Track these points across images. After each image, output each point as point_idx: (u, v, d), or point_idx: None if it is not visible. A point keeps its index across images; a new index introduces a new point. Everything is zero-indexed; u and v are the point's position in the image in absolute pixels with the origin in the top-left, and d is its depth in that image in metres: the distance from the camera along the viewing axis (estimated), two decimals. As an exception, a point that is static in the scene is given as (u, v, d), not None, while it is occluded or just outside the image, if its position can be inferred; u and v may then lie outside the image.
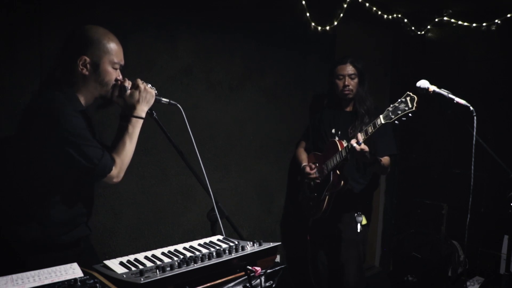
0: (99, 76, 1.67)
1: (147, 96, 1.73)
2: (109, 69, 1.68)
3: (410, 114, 2.29)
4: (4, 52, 1.94)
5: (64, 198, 1.64)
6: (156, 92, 1.78)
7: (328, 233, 2.97)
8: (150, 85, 1.77)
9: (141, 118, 1.71)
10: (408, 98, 2.29)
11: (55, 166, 1.58)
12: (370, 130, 2.43)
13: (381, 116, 2.38)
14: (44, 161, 1.58)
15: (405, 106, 2.29)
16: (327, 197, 2.77)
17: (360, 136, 2.45)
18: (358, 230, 2.84)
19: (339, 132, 2.90)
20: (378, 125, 2.39)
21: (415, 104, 2.26)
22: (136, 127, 1.70)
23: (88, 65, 1.64)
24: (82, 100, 1.69)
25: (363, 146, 2.44)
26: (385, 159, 2.75)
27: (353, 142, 2.46)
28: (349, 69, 2.86)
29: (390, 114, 2.34)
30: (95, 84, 1.68)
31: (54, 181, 1.61)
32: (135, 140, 1.71)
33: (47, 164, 1.59)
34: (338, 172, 2.70)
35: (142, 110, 1.72)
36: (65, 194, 1.65)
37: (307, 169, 2.91)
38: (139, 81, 1.74)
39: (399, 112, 2.31)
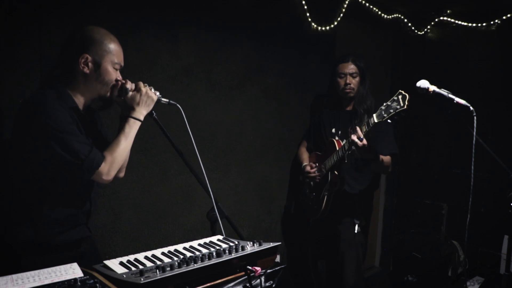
0: (99, 75, 1.67)
1: (147, 100, 1.72)
2: (110, 69, 1.68)
3: (402, 113, 2.30)
4: (4, 52, 1.94)
5: (57, 197, 1.63)
6: (159, 95, 1.78)
7: (327, 233, 2.97)
8: (153, 88, 1.76)
9: (139, 120, 1.71)
10: (400, 97, 2.30)
11: (44, 164, 1.57)
12: (364, 129, 2.44)
13: (374, 115, 2.40)
14: (33, 158, 1.58)
15: (397, 105, 2.31)
16: (326, 197, 2.77)
17: (360, 132, 2.44)
18: (356, 231, 2.84)
19: (339, 132, 2.90)
20: (371, 124, 2.40)
21: (406, 102, 2.27)
22: (133, 128, 1.70)
23: (89, 64, 1.64)
24: (79, 98, 1.69)
25: (364, 141, 2.43)
26: (386, 158, 2.75)
27: (354, 137, 2.44)
28: (351, 67, 2.85)
29: (383, 113, 2.36)
30: (95, 83, 1.68)
31: (45, 180, 1.60)
32: (130, 140, 1.70)
33: (36, 162, 1.58)
34: (336, 171, 2.70)
35: (141, 113, 1.72)
36: (58, 193, 1.63)
37: (307, 168, 2.91)
38: (141, 84, 1.73)
39: (391, 111, 2.33)
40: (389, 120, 2.36)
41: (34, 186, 1.61)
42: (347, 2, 3.39)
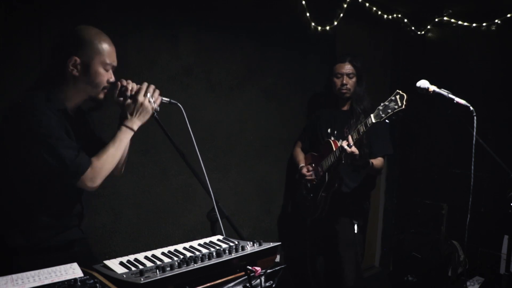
0: (89, 77, 1.62)
1: (142, 112, 1.68)
2: (100, 70, 1.64)
3: (400, 113, 2.32)
4: (4, 52, 1.94)
5: (46, 201, 1.61)
6: (156, 107, 1.73)
7: (325, 234, 2.98)
8: (151, 97, 1.70)
9: (131, 129, 1.67)
10: (397, 96, 2.32)
11: (31, 168, 1.55)
12: (362, 130, 2.46)
13: (372, 115, 2.41)
14: (21, 162, 1.55)
15: (395, 105, 2.32)
16: (323, 197, 2.77)
17: (351, 139, 2.48)
18: (355, 231, 2.85)
19: (335, 132, 2.91)
20: (369, 124, 2.42)
21: (404, 102, 2.29)
22: (124, 136, 1.66)
23: (78, 66, 1.60)
24: (69, 100, 1.65)
25: (353, 149, 2.47)
26: (377, 161, 2.76)
27: (344, 144, 2.49)
28: (348, 68, 2.86)
29: (381, 113, 2.37)
30: (85, 85, 1.64)
31: (33, 184, 1.57)
32: (121, 148, 1.65)
33: (24, 166, 1.55)
34: (333, 172, 2.70)
35: (135, 123, 1.67)
36: (46, 197, 1.61)
37: (304, 170, 2.91)
38: (140, 95, 1.68)
39: (389, 110, 2.34)
40: (387, 120, 2.38)
41: (23, 190, 1.59)
42: (347, 2, 3.39)
